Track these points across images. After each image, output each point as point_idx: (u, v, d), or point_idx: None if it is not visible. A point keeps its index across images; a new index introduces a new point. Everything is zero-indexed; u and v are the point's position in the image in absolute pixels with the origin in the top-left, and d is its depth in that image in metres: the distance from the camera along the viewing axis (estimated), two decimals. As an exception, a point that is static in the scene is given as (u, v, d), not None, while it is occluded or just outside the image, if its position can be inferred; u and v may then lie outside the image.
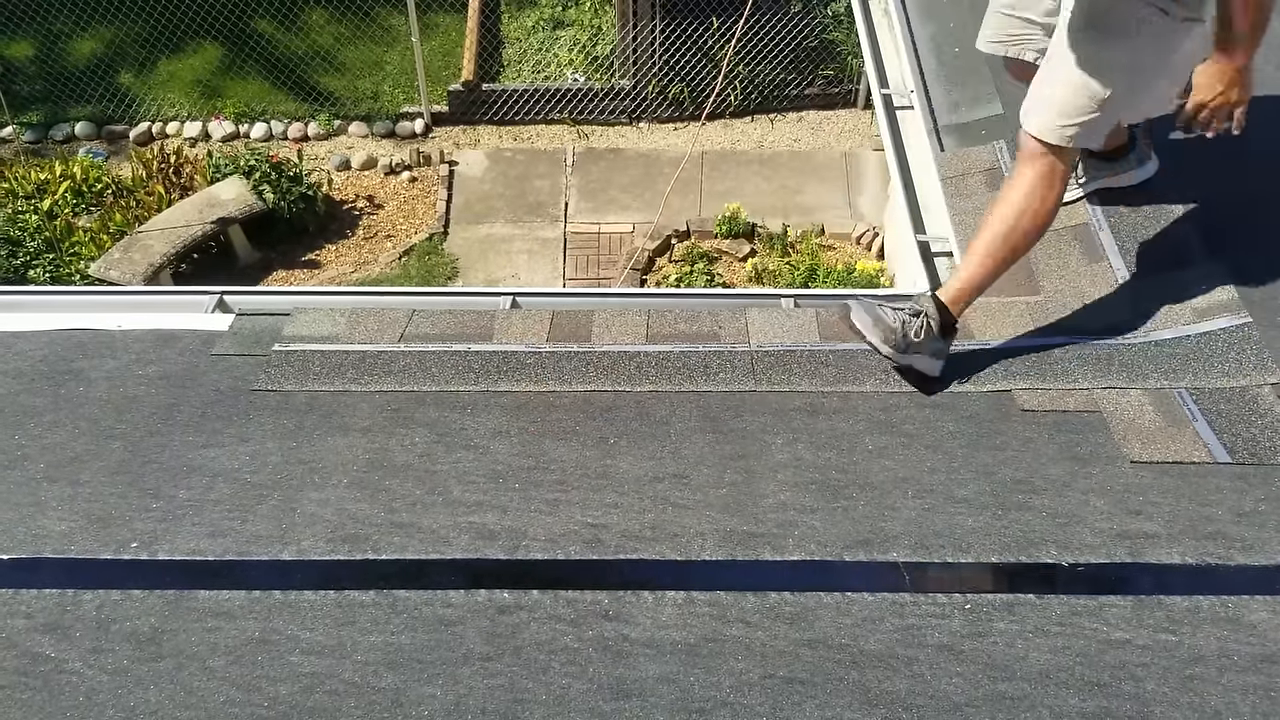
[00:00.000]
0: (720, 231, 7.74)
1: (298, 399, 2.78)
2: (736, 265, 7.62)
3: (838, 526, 2.37)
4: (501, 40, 9.72)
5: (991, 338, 2.94)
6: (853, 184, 8.20)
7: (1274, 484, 2.38)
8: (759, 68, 8.71)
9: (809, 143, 8.66)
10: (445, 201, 8.28)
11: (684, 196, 8.10)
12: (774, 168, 8.39)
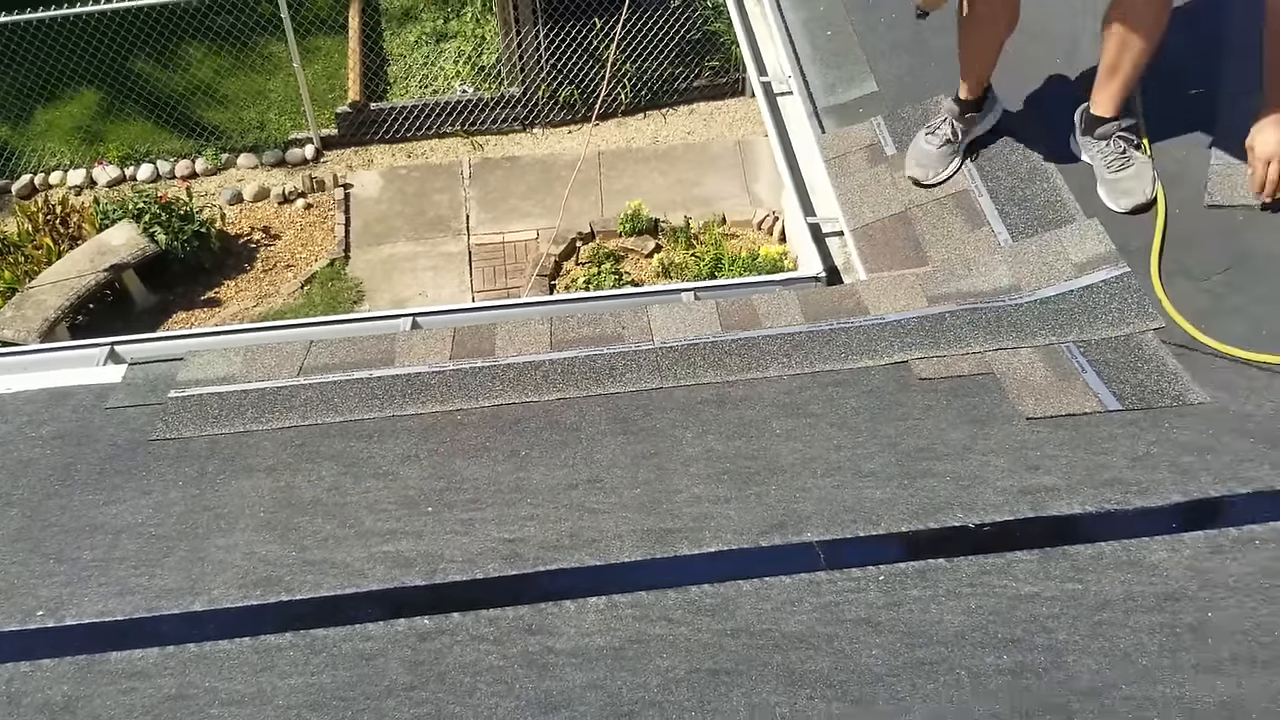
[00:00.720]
0: (624, 230, 7.77)
1: (198, 445, 2.73)
2: (643, 262, 7.65)
3: (752, 513, 2.39)
4: (386, 58, 9.62)
5: (886, 311, 2.99)
6: (749, 171, 8.28)
7: (1163, 427, 2.46)
8: (646, 64, 8.75)
9: (702, 134, 8.73)
10: (343, 225, 8.18)
11: (585, 198, 8.11)
12: (670, 162, 8.44)
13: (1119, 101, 3.02)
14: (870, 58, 3.83)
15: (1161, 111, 3.16)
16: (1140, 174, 3.00)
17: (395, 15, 10.05)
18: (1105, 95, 3.00)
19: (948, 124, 3.28)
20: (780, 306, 3.11)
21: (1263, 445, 2.35)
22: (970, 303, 2.94)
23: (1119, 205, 3.01)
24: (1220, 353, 2.63)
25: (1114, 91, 3.00)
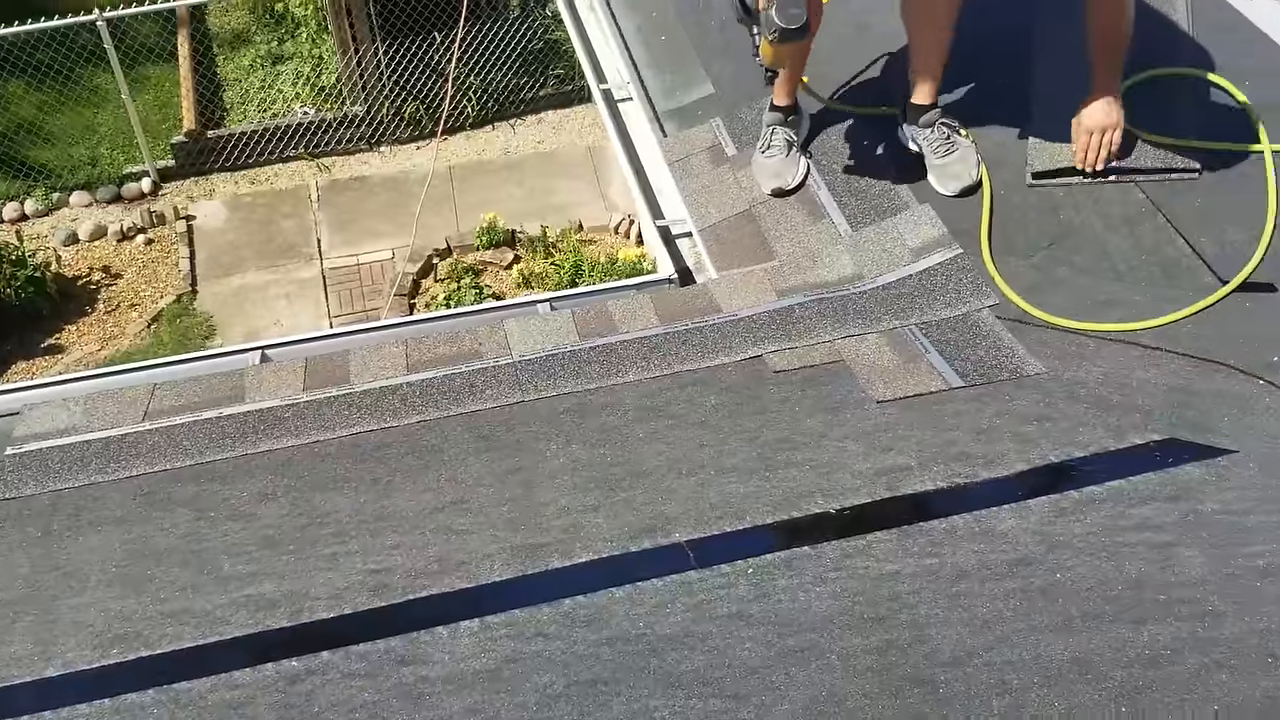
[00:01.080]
0: (481, 243, 7.72)
1: (40, 502, 2.60)
2: (503, 274, 7.62)
3: (620, 520, 2.40)
4: (221, 84, 9.35)
5: (738, 308, 3.05)
6: (601, 176, 8.33)
7: (1003, 399, 2.57)
8: (491, 76, 8.71)
9: (553, 143, 8.74)
10: (188, 259, 7.91)
11: (439, 214, 8.02)
12: (523, 172, 8.43)
13: (934, 88, 3.13)
14: (705, 61, 3.89)
15: (979, 97, 3.30)
16: (965, 158, 3.12)
17: (227, 39, 9.77)
18: (920, 84, 3.12)
19: (778, 132, 3.36)
20: (635, 311, 3.13)
21: (1095, 409, 2.47)
22: (817, 293, 3.02)
23: (947, 189, 3.14)
24: (1050, 324, 2.76)
25: (927, 79, 3.12)
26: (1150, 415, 2.45)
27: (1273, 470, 2.27)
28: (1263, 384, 2.50)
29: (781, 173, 3.35)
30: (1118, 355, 2.64)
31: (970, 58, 3.20)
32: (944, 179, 3.14)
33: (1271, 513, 2.16)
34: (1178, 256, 2.79)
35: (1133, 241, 2.86)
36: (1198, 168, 2.88)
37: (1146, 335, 2.67)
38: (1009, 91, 3.26)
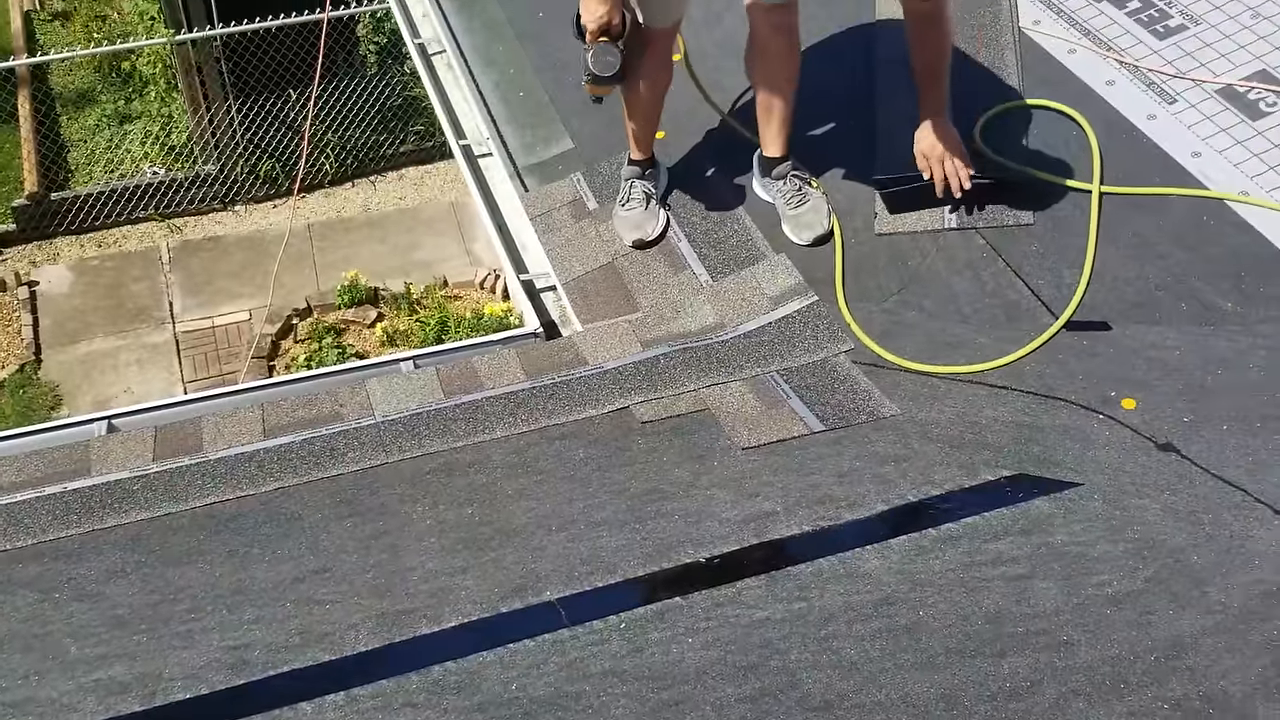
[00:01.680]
0: (342, 302, 7.58)
1: None
2: (366, 332, 7.49)
3: (490, 580, 2.37)
4: (65, 144, 9.00)
5: (604, 360, 3.06)
6: (465, 231, 8.29)
7: (862, 441, 2.63)
8: (349, 133, 8.60)
9: (415, 198, 8.67)
10: (31, 326, 7.54)
11: (299, 273, 7.85)
12: (385, 228, 8.33)
13: (783, 141, 3.24)
14: (564, 116, 3.93)
15: (827, 147, 3.42)
16: (816, 208, 3.22)
17: (70, 99, 9.44)
18: (770, 137, 3.22)
19: (636, 185, 3.41)
20: (501, 366, 3.11)
21: (948, 448, 2.56)
22: (681, 343, 3.05)
23: (801, 239, 3.22)
24: (903, 368, 2.85)
25: (775, 133, 3.22)
26: (1000, 452, 2.55)
27: (1115, 501, 2.38)
28: (1102, 418, 2.63)
29: (642, 224, 3.39)
30: (967, 394, 2.74)
31: (816, 108, 3.31)
32: (798, 229, 3.23)
33: (1117, 542, 2.26)
34: (1018, 299, 2.92)
35: (977, 285, 2.98)
36: (1030, 221, 3.03)
37: (993, 375, 2.78)
38: (856, 139, 3.38)
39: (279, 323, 7.39)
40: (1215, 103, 3.13)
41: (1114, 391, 2.68)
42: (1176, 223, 2.94)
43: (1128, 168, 3.06)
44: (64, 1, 10.48)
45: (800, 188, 3.24)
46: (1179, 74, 3.22)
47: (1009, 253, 2.99)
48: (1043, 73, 3.35)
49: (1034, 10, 3.52)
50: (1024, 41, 3.44)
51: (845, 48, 3.59)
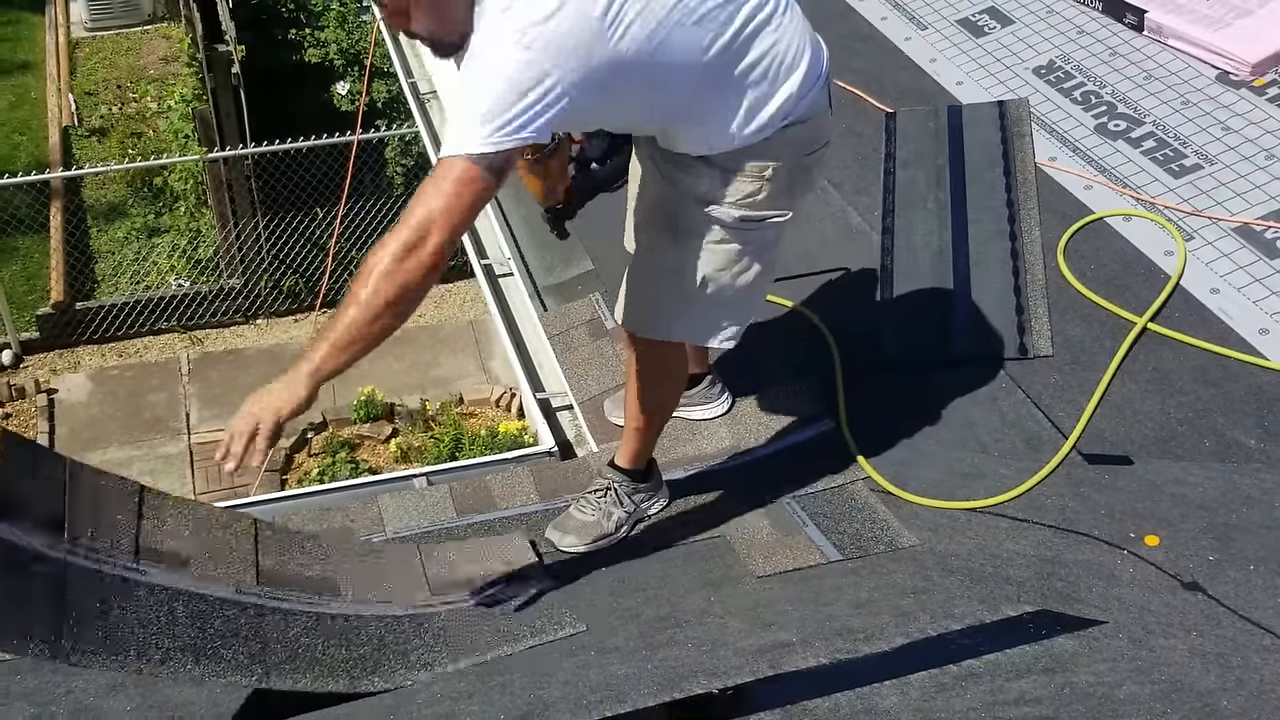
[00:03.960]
0: (358, 416, 7.59)
1: None
2: (380, 448, 7.48)
3: (496, 706, 2.30)
4: (93, 255, 9.19)
5: (618, 482, 3.02)
6: (483, 349, 8.35)
7: (880, 572, 2.58)
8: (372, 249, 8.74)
9: (434, 316, 8.76)
10: (47, 434, 7.58)
11: (315, 388, 7.88)
12: (404, 345, 8.39)
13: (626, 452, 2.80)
14: (585, 238, 3.98)
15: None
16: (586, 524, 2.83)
17: (101, 211, 9.67)
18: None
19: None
20: (515, 485, 3.09)
21: (968, 580, 2.50)
22: (697, 467, 3.03)
23: (558, 541, 2.84)
24: (917, 504, 2.80)
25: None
26: (1022, 586, 2.49)
27: (1141, 641, 2.31)
28: (1125, 554, 2.57)
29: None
30: (988, 526, 2.70)
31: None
32: (560, 529, 2.86)
33: (1143, 684, 2.19)
34: (1038, 429, 2.89)
35: (996, 415, 2.96)
36: (1049, 353, 3.03)
37: (1013, 507, 2.74)
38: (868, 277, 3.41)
39: (294, 436, 7.40)
40: (1233, 240, 3.16)
41: (1137, 527, 2.63)
42: (1197, 359, 2.93)
43: (1145, 302, 3.07)
44: (102, 119, 10.83)
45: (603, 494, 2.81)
46: (1195, 211, 3.25)
47: (1028, 384, 2.97)
48: (1060, 208, 3.40)
49: (1050, 147, 3.59)
50: (1041, 176, 3.49)
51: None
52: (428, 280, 2.02)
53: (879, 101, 3.86)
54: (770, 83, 2.22)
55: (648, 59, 2.06)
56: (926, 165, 3.58)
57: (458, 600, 2.61)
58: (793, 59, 2.24)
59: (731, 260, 2.43)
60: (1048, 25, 4.08)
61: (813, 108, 2.31)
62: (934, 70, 4.01)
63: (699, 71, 2.15)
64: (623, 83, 2.07)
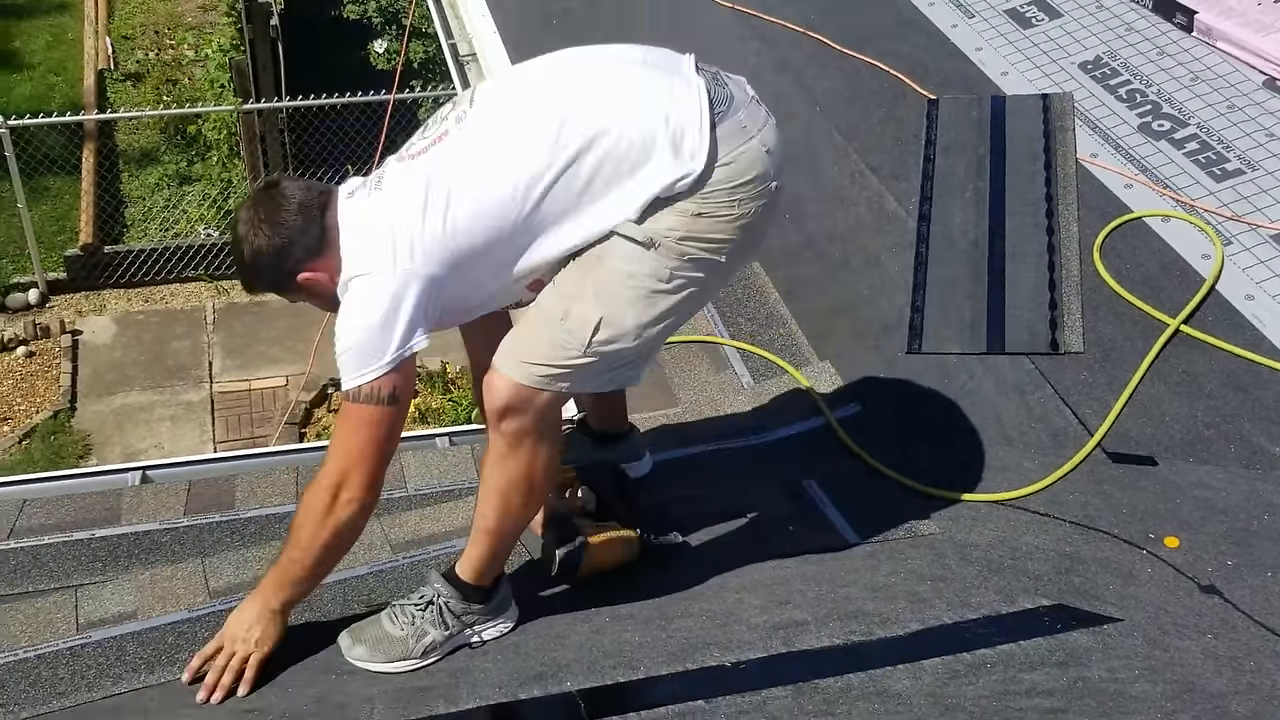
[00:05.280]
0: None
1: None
2: (398, 408, 7.51)
3: (510, 665, 2.32)
4: (123, 200, 9.23)
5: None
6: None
7: (898, 557, 2.59)
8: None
9: (459, 280, 8.75)
10: (70, 374, 7.63)
11: (337, 344, 7.92)
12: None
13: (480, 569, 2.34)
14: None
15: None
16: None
17: (134, 156, 9.70)
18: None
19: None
20: (536, 451, 3.10)
21: (986, 571, 2.51)
22: (718, 444, 3.04)
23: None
24: (937, 496, 2.80)
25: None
26: (1039, 580, 2.49)
27: (1156, 640, 2.31)
28: (1144, 554, 2.57)
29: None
30: (1008, 518, 2.70)
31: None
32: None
33: (1155, 683, 2.20)
34: (1065, 426, 2.89)
35: (1024, 410, 2.96)
36: (1081, 350, 3.01)
37: (1035, 501, 2.74)
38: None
39: (314, 391, 7.44)
40: (1270, 247, 3.13)
41: (1157, 528, 2.63)
42: (1228, 364, 2.91)
43: (1179, 304, 3.05)
44: (138, 64, 10.86)
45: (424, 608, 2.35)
46: (1235, 216, 3.23)
47: (1057, 379, 2.97)
48: (1098, 205, 3.37)
49: (1092, 143, 3.56)
50: (1081, 172, 3.47)
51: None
52: (363, 514, 2.17)
53: (921, 87, 3.83)
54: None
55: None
56: (967, 154, 3.56)
57: (418, 554, 2.62)
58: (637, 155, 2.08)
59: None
60: (1096, 20, 4.03)
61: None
62: (979, 59, 3.98)
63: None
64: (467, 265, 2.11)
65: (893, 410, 3.07)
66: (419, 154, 2.16)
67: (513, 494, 2.25)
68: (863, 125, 3.80)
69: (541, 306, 2.20)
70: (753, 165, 2.14)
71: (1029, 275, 3.18)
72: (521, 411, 2.17)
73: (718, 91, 2.15)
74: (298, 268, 2.18)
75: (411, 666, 2.31)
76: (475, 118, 2.15)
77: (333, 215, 2.17)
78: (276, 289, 2.27)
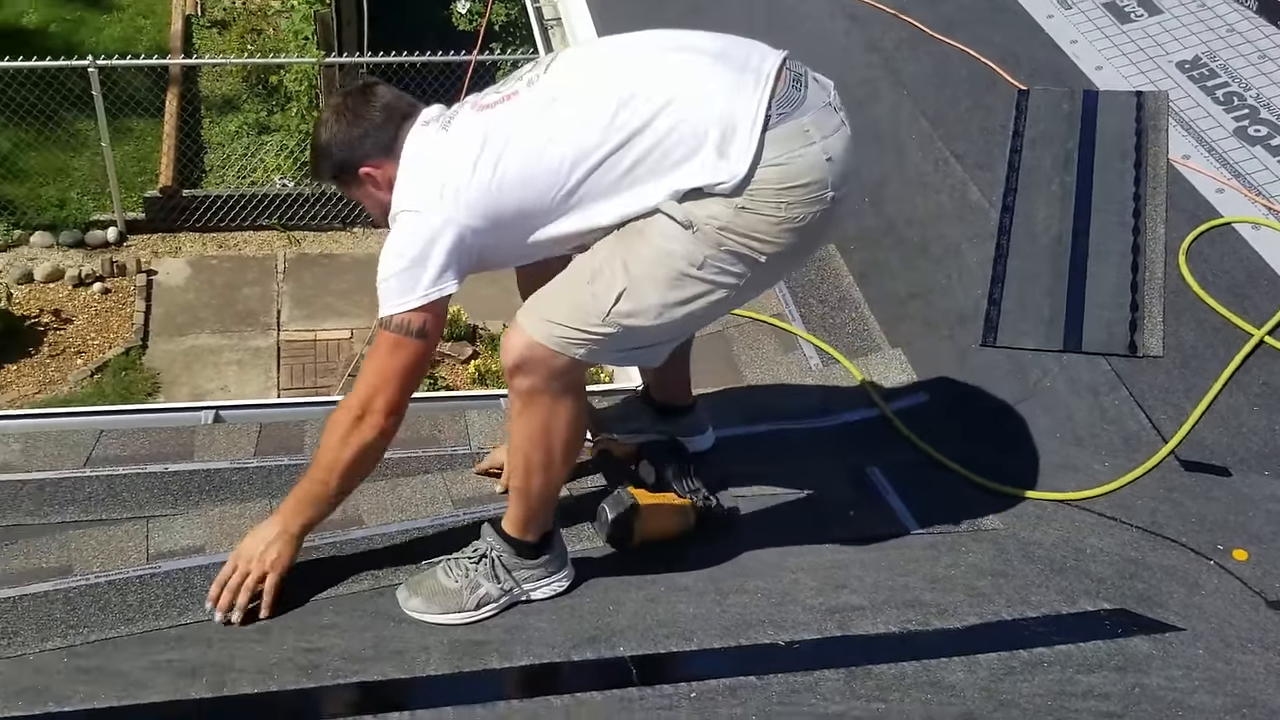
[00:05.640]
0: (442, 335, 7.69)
1: (-36, 540, 2.49)
2: (459, 368, 7.58)
3: (564, 625, 2.35)
4: (203, 145, 9.37)
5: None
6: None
7: (959, 550, 2.57)
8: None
9: (526, 245, 8.79)
10: (143, 313, 7.79)
11: (403, 301, 7.99)
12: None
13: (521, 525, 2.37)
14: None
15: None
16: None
17: (216, 103, 9.84)
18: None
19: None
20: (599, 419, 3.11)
21: (1048, 571, 2.48)
22: (782, 424, 3.03)
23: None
24: (1004, 493, 2.77)
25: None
26: (1102, 583, 2.46)
27: (1218, 653, 2.28)
28: (1212, 565, 2.53)
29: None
30: (1074, 519, 2.66)
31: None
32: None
33: (1215, 694, 2.16)
34: (1138, 430, 2.84)
35: (1097, 411, 2.91)
36: (1160, 354, 2.96)
37: (1102, 503, 2.70)
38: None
39: (378, 345, 7.52)
40: (1365, 263, 3.05)
41: (1226, 539, 2.58)
42: (1312, 378, 2.85)
43: (1265, 315, 2.98)
44: (224, 12, 10.99)
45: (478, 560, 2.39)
46: (1329, 229, 3.14)
47: (1133, 382, 2.91)
48: (1188, 208, 3.30)
49: (1185, 144, 3.48)
50: (1172, 174, 3.39)
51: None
52: (384, 437, 2.25)
53: (1012, 77, 3.77)
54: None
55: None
56: (1055, 148, 3.50)
57: (479, 511, 2.66)
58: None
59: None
60: (1197, 19, 3.93)
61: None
62: (1073, 52, 3.90)
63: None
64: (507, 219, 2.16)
65: (962, 403, 3.03)
66: (486, 107, 2.21)
67: (531, 452, 2.27)
68: (950, 112, 3.74)
69: (574, 267, 2.23)
70: (808, 171, 2.10)
71: (1111, 275, 3.13)
72: (533, 371, 2.19)
73: (790, 93, 2.12)
74: (364, 160, 2.26)
75: (465, 619, 2.34)
76: (544, 84, 2.18)
77: (407, 130, 2.25)
78: (338, 175, 2.33)
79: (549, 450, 2.27)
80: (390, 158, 2.25)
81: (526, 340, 2.18)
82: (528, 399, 2.22)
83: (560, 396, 2.23)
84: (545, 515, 2.38)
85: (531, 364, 2.18)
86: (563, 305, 2.19)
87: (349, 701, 2.10)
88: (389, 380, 2.21)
